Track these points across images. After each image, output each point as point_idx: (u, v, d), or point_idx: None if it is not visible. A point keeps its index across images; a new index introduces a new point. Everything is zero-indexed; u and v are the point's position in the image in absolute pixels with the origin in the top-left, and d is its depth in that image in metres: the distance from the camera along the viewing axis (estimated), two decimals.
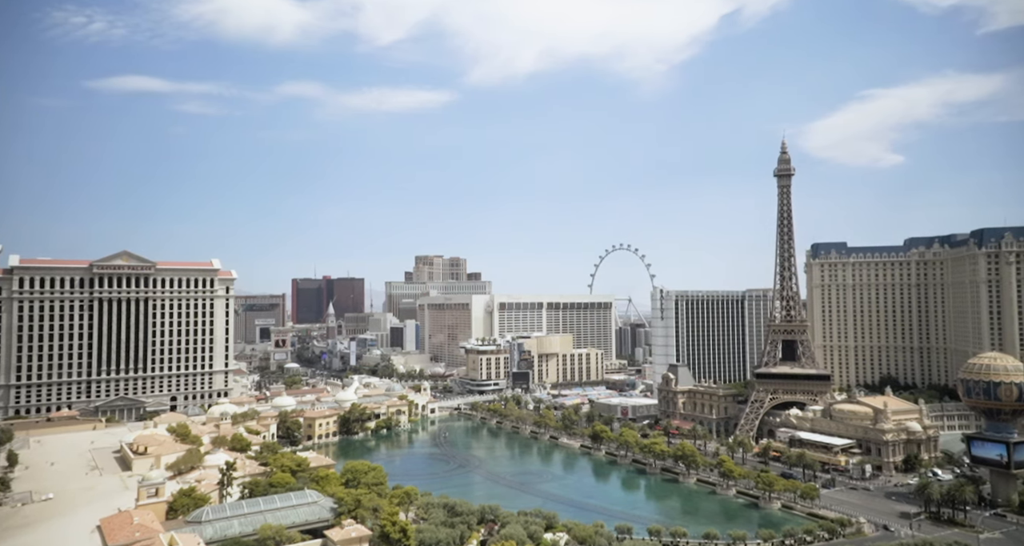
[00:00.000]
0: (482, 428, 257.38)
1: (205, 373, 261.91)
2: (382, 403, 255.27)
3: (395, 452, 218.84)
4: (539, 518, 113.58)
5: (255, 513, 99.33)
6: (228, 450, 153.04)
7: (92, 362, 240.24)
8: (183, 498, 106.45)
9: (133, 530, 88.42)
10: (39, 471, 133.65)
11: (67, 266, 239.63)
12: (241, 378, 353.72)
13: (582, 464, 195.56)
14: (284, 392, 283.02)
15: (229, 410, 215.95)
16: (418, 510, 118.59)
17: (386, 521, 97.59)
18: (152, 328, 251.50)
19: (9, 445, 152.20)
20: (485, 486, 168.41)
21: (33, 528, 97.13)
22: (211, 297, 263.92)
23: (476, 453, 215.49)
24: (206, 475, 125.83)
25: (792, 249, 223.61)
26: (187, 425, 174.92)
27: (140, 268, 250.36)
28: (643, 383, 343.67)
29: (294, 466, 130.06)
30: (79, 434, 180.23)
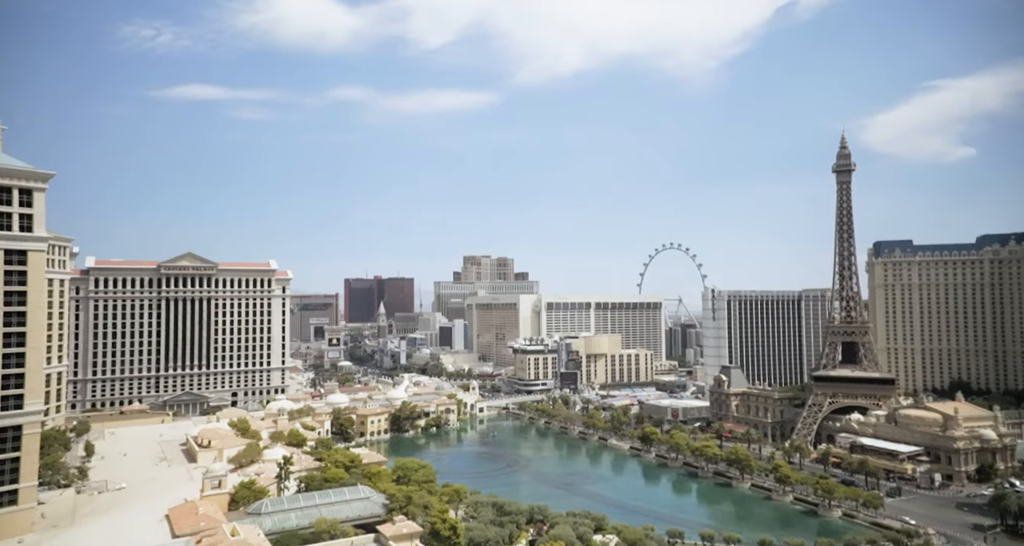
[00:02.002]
0: (530, 428, 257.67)
1: (263, 370, 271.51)
2: (431, 402, 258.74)
3: (444, 450, 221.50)
4: (588, 519, 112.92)
5: (311, 507, 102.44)
6: (285, 445, 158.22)
7: (160, 359, 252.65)
8: (244, 490, 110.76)
9: (198, 520, 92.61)
10: (113, 461, 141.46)
11: (137, 267, 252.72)
12: (297, 375, 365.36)
13: (631, 466, 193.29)
14: (337, 389, 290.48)
15: (286, 406, 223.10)
16: (467, 508, 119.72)
17: (436, 518, 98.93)
18: (214, 326, 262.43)
19: (87, 436, 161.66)
20: (533, 486, 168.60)
21: (108, 516, 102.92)
22: (268, 297, 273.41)
23: (524, 453, 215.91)
24: (265, 469, 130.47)
25: (852, 248, 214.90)
26: (247, 420, 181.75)
27: (203, 268, 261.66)
28: (694, 385, 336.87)
29: (347, 462, 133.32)
30: (148, 427, 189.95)
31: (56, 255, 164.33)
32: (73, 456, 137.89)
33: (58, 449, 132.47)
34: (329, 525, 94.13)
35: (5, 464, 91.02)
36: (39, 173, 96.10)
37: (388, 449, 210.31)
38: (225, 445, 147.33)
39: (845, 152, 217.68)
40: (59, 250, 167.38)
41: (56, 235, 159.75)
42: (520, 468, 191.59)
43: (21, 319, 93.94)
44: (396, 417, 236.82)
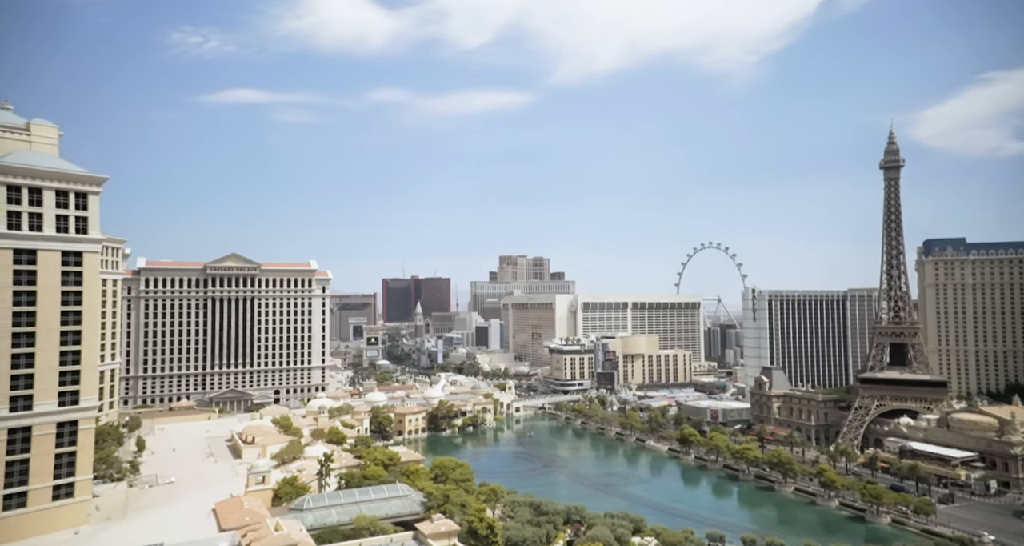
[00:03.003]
0: (566, 428, 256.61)
1: (304, 368, 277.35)
2: (468, 401, 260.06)
3: (481, 449, 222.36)
4: (626, 521, 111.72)
5: (351, 504, 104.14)
6: (326, 442, 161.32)
7: (206, 357, 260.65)
8: (286, 486, 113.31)
9: (243, 514, 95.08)
10: (163, 456, 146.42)
11: (184, 267, 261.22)
12: (336, 374, 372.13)
13: (670, 468, 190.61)
14: (376, 388, 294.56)
15: (326, 404, 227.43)
16: (504, 507, 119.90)
17: (473, 517, 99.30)
18: (257, 325, 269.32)
19: (138, 432, 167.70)
20: (570, 486, 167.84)
21: (158, 509, 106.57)
22: (309, 296, 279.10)
23: (561, 453, 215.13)
24: (306, 465, 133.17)
25: (901, 246, 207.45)
26: (289, 417, 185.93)
27: (247, 269, 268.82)
28: (734, 386, 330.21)
29: (386, 460, 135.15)
30: (195, 423, 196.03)
31: (109, 256, 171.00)
32: (125, 451, 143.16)
33: (111, 444, 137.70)
34: (369, 522, 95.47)
35: (62, 458, 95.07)
36: (93, 177, 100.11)
37: (425, 448, 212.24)
38: (268, 442, 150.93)
39: (893, 147, 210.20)
40: (112, 251, 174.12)
41: (109, 237, 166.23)
42: (557, 468, 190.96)
43: (77, 318, 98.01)
44: (433, 416, 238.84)
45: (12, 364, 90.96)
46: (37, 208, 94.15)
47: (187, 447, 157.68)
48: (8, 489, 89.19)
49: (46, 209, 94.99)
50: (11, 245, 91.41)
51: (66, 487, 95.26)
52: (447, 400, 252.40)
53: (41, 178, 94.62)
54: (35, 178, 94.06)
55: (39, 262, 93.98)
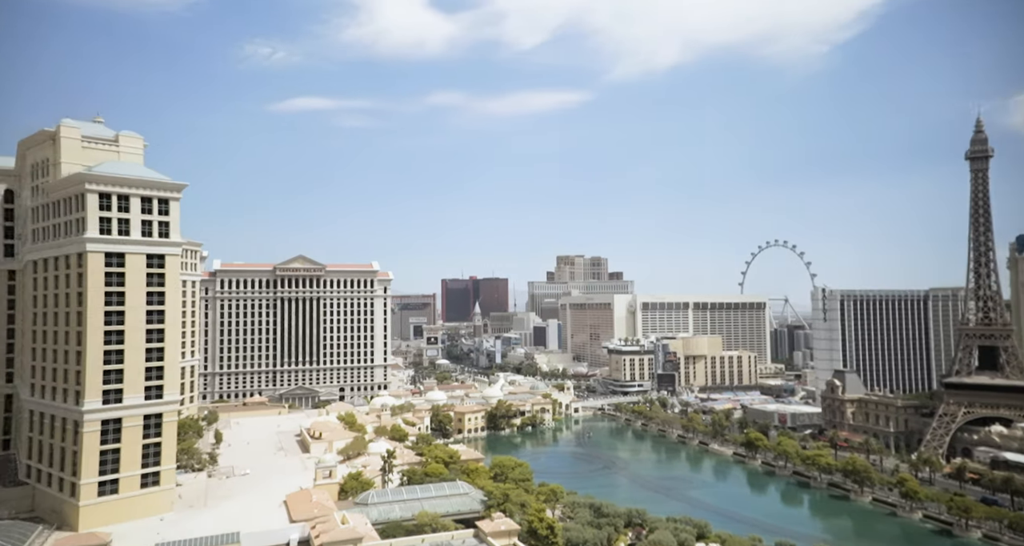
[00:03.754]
0: (626, 430, 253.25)
1: (367, 367, 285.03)
2: (527, 401, 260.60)
3: (540, 449, 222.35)
4: (689, 526, 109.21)
5: (413, 500, 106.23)
6: (388, 439, 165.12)
7: (276, 355, 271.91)
8: (352, 481, 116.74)
9: (312, 507, 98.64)
10: (238, 449, 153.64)
11: (256, 269, 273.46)
12: (398, 372, 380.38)
13: (735, 473, 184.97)
14: (436, 387, 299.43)
15: (388, 402, 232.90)
16: (564, 508, 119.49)
17: (533, 517, 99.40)
18: (323, 325, 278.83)
19: (215, 425, 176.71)
20: (630, 489, 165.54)
21: (235, 499, 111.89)
22: (371, 296, 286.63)
23: (620, 455, 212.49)
24: (370, 461, 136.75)
25: (990, 242, 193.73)
26: (353, 414, 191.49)
27: (313, 270, 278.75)
28: (803, 389, 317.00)
29: (446, 458, 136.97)
30: (267, 418, 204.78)
31: (188, 258, 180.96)
32: (204, 443, 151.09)
33: (192, 436, 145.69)
34: (431, 518, 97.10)
35: (149, 448, 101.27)
36: (175, 184, 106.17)
37: (485, 446, 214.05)
38: (334, 437, 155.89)
39: (981, 136, 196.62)
40: (190, 254, 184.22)
41: (188, 240, 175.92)
42: (617, 470, 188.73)
43: (160, 317, 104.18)
44: (492, 415, 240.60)
45: (104, 360, 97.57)
46: (125, 214, 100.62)
47: (260, 441, 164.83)
48: (103, 476, 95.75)
49: (133, 215, 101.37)
50: (103, 249, 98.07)
51: (153, 476, 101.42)
52: (506, 400, 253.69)
53: (128, 186, 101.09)
54: (123, 186, 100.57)
55: (127, 264, 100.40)
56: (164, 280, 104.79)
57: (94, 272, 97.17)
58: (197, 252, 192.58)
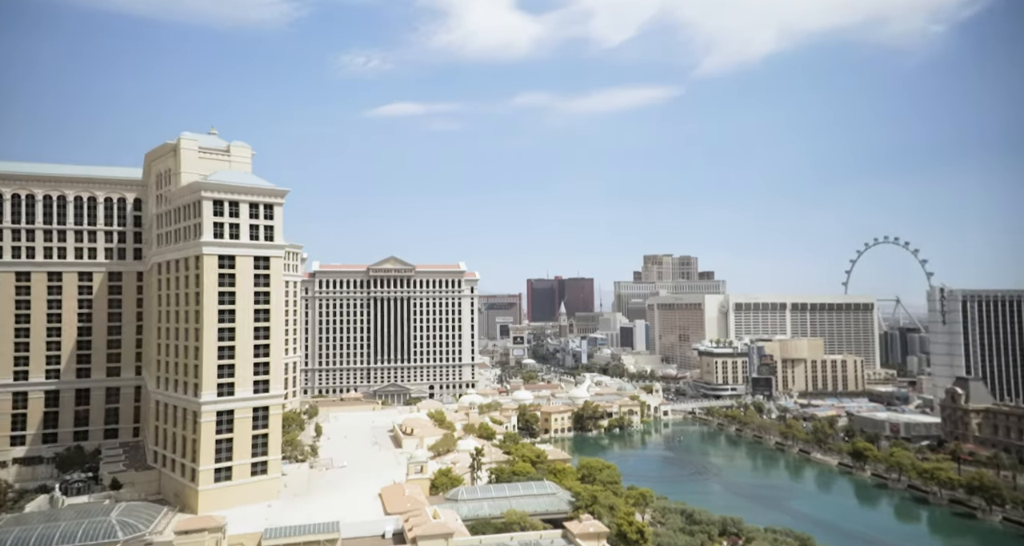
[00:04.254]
0: (719, 435, 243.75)
1: (455, 365, 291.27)
2: (614, 402, 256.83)
3: (628, 452, 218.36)
4: (790, 538, 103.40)
5: (501, 498, 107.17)
6: (476, 437, 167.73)
7: (370, 352, 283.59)
8: (442, 477, 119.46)
9: (405, 501, 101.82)
10: (336, 442, 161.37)
11: (351, 270, 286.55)
12: (485, 371, 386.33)
13: (840, 484, 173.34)
14: (522, 386, 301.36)
15: (476, 401, 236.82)
16: (654, 513, 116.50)
17: (622, 520, 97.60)
18: (413, 324, 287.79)
19: (316, 419, 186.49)
20: (724, 496, 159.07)
21: (334, 489, 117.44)
22: (459, 296, 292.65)
23: (713, 460, 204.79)
24: (459, 458, 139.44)
25: None
26: (443, 412, 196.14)
27: (404, 271, 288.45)
28: (919, 398, 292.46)
29: (533, 457, 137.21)
30: (362, 413, 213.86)
31: (290, 260, 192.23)
32: (306, 436, 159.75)
33: (295, 429, 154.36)
34: (519, 517, 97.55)
35: (258, 439, 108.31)
36: (278, 190, 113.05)
37: (572, 447, 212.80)
38: (425, 434, 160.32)
39: None
40: (292, 256, 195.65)
41: (291, 243, 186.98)
42: (709, 476, 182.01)
43: (266, 316, 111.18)
44: (579, 416, 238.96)
45: (218, 355, 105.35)
46: (235, 219, 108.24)
47: (356, 435, 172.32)
48: (218, 464, 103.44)
49: (242, 219, 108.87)
50: (216, 251, 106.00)
51: (261, 465, 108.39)
52: (592, 400, 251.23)
53: (238, 193, 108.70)
54: (234, 193, 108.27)
55: (237, 266, 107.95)
56: (269, 281, 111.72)
57: (209, 273, 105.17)
58: (298, 254, 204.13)
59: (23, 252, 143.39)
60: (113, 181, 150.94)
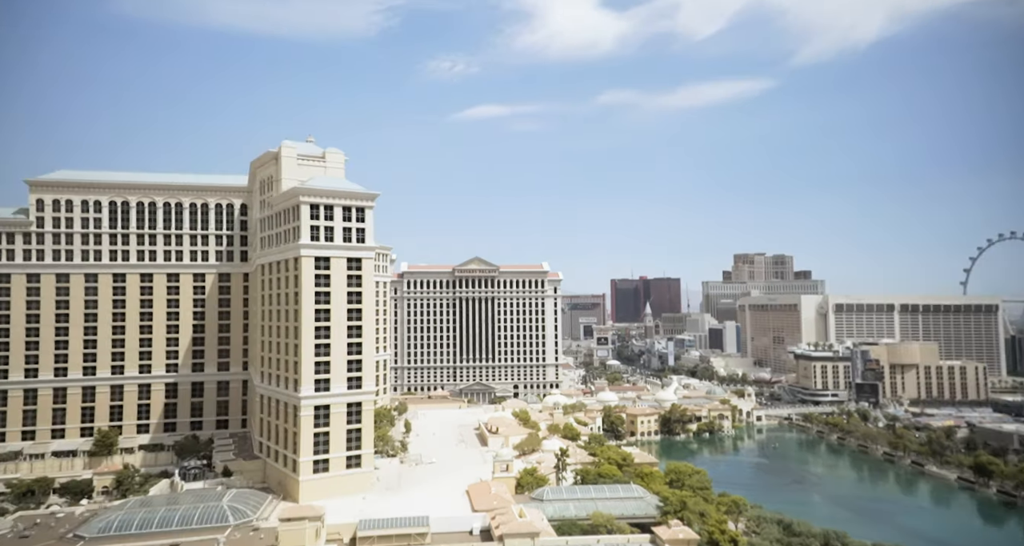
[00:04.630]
0: (818, 443, 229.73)
1: (539, 365, 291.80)
2: (703, 406, 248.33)
3: (718, 458, 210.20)
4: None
5: (587, 499, 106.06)
6: (561, 437, 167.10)
7: (456, 351, 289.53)
8: (527, 476, 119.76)
9: (492, 498, 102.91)
10: (424, 439, 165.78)
11: (437, 270, 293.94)
12: (569, 372, 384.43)
13: (961, 501, 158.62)
14: (607, 388, 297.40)
15: (560, 401, 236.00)
16: (748, 522, 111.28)
17: (714, 528, 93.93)
18: (498, 324, 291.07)
19: (405, 416, 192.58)
20: (826, 508, 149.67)
21: (424, 485, 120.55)
22: (542, 297, 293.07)
23: (813, 469, 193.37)
24: (544, 458, 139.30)
25: None
26: (527, 411, 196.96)
27: (488, 271, 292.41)
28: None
29: (619, 460, 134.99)
30: (448, 411, 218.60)
31: (380, 261, 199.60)
32: (396, 431, 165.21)
33: (386, 425, 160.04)
34: (606, 519, 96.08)
35: (352, 433, 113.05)
36: (369, 193, 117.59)
37: (659, 451, 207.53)
38: (510, 433, 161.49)
39: None
40: (382, 257, 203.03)
41: (380, 245, 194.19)
42: (809, 486, 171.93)
43: (358, 315, 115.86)
44: (666, 419, 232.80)
45: (315, 352, 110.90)
46: (329, 222, 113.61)
47: (443, 432, 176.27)
48: (316, 455, 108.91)
49: (336, 222, 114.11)
50: (313, 253, 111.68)
51: (355, 458, 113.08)
52: (680, 404, 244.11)
53: (333, 197, 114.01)
54: (329, 197, 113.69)
55: (331, 267, 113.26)
56: (361, 281, 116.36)
57: (306, 274, 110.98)
58: (387, 255, 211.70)
59: (146, 255, 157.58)
60: (223, 188, 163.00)
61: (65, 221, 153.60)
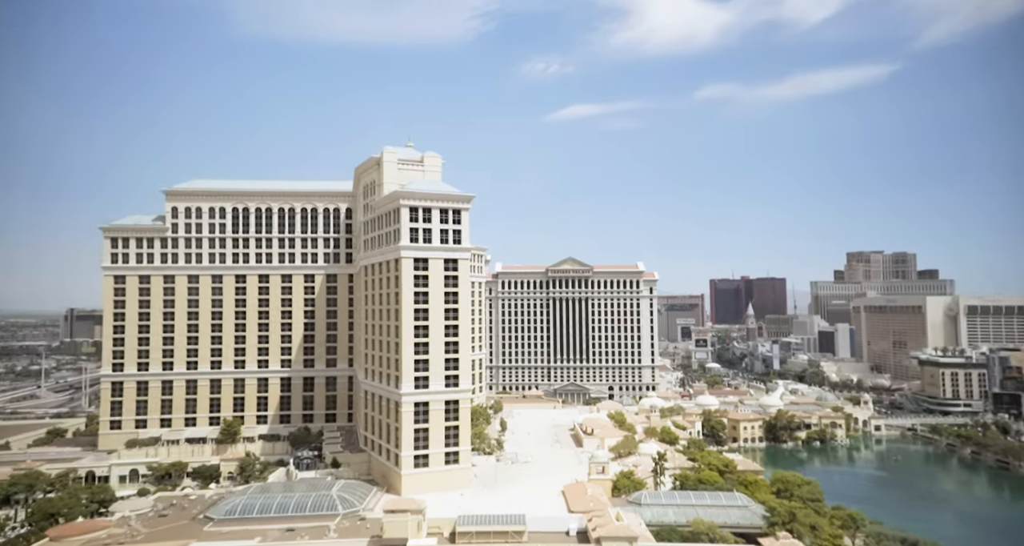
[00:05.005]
0: (948, 457, 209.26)
1: (634, 367, 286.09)
2: (812, 413, 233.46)
3: (831, 468, 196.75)
4: None
5: (687, 506, 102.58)
6: (658, 441, 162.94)
7: (549, 351, 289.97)
8: (624, 479, 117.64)
9: (588, 500, 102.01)
10: (519, 438, 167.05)
11: (530, 271, 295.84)
12: (665, 374, 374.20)
13: None
14: (706, 391, 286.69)
15: (657, 404, 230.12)
16: (866, 538, 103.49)
17: (827, 542, 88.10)
18: (592, 324, 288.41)
19: (500, 414, 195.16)
20: (958, 528, 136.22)
21: (519, 484, 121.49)
22: (637, 297, 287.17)
23: (942, 485, 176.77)
24: (640, 462, 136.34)
25: None
26: (623, 413, 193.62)
27: (581, 272, 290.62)
28: None
29: (721, 466, 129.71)
30: (543, 411, 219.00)
31: (475, 262, 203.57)
32: (492, 430, 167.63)
33: (482, 423, 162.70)
34: (707, 527, 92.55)
35: (449, 430, 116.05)
36: (465, 196, 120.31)
37: (763, 459, 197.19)
38: (605, 435, 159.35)
39: None
40: (477, 258, 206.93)
41: (476, 246, 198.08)
42: (936, 503, 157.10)
43: (455, 314, 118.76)
44: (772, 425, 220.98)
45: (415, 350, 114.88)
46: (428, 224, 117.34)
47: (537, 432, 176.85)
48: (417, 451, 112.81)
49: (434, 224, 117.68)
50: (412, 254, 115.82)
51: (453, 455, 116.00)
52: (787, 410, 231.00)
53: (430, 200, 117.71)
54: (427, 200, 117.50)
55: (430, 268, 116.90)
56: (457, 282, 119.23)
57: (406, 274, 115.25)
58: (482, 256, 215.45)
59: (263, 258, 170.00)
60: (330, 194, 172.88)
61: (195, 227, 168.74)
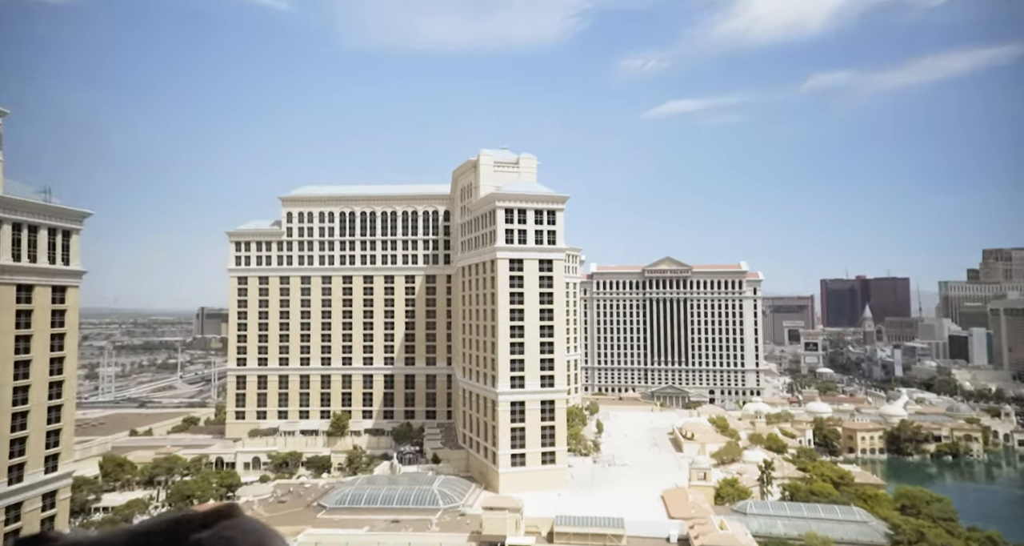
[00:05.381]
0: None
1: (737, 371, 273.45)
2: (942, 424, 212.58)
3: (966, 485, 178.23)
4: None
5: (798, 518, 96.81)
6: (764, 448, 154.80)
7: (646, 353, 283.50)
8: (727, 487, 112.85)
9: (689, 507, 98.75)
10: (616, 440, 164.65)
11: (626, 271, 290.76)
12: (771, 379, 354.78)
13: None
14: (817, 397, 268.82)
15: (763, 409, 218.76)
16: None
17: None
18: (691, 326, 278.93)
19: (596, 416, 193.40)
20: None
21: (617, 486, 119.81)
22: (740, 298, 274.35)
23: None
24: (745, 469, 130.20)
25: None
26: (725, 418, 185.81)
27: (680, 272, 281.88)
28: None
29: (836, 478, 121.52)
30: (639, 413, 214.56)
31: (570, 262, 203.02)
32: (588, 431, 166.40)
33: (578, 424, 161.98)
34: (821, 541, 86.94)
35: (545, 430, 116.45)
36: (560, 197, 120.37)
37: (884, 472, 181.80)
38: (706, 440, 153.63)
39: None
40: (571, 258, 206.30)
41: (570, 246, 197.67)
42: None
43: (549, 315, 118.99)
44: (894, 436, 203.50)
45: (511, 350, 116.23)
46: (523, 225, 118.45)
47: (635, 434, 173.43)
48: (513, 450, 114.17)
49: (528, 225, 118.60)
50: (508, 255, 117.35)
51: (549, 455, 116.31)
52: (911, 420, 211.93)
53: (525, 201, 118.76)
54: (522, 201, 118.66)
55: (524, 269, 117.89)
56: (552, 282, 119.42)
57: (502, 275, 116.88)
58: (577, 256, 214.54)
59: (367, 259, 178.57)
60: (429, 197, 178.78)
61: (307, 230, 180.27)
